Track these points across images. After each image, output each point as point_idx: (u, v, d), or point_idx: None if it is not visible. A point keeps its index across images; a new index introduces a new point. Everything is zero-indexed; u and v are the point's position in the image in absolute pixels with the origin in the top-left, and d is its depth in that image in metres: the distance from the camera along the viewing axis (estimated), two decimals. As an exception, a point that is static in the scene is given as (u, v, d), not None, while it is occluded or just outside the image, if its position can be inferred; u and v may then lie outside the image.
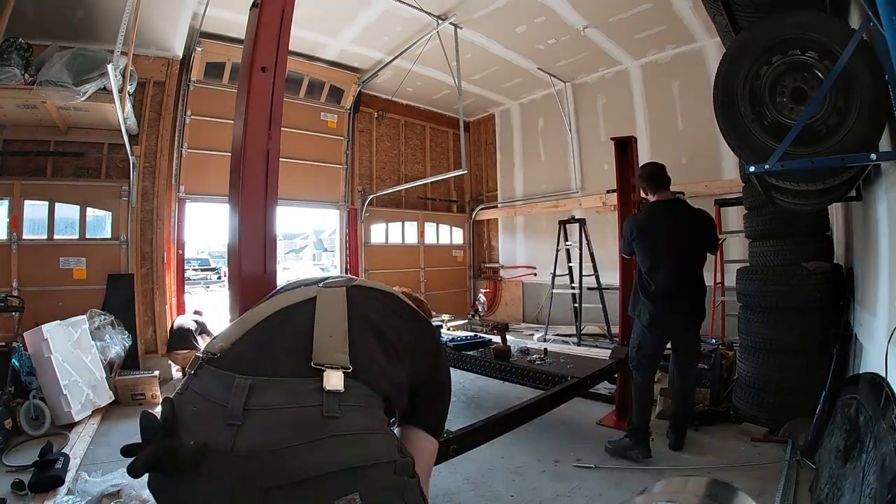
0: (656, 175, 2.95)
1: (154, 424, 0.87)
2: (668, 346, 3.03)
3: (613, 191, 4.02)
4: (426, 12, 5.46)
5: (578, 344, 6.03)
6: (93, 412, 3.69)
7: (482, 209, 9.52)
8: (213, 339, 1.07)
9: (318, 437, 0.83)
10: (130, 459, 0.83)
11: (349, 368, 0.94)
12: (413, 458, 1.01)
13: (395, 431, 1.14)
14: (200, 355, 1.00)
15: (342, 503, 0.80)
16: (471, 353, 3.84)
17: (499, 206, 9.29)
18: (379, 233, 8.27)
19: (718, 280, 5.19)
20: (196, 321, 4.97)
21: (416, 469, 1.00)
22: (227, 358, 0.96)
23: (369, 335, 1.05)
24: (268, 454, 0.81)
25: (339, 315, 1.05)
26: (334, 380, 0.90)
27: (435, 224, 9.25)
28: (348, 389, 0.91)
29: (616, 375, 3.51)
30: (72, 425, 3.46)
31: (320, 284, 1.18)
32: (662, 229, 2.85)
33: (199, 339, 4.85)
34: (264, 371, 0.91)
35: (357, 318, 1.06)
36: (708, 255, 2.98)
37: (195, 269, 17.21)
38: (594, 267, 6.33)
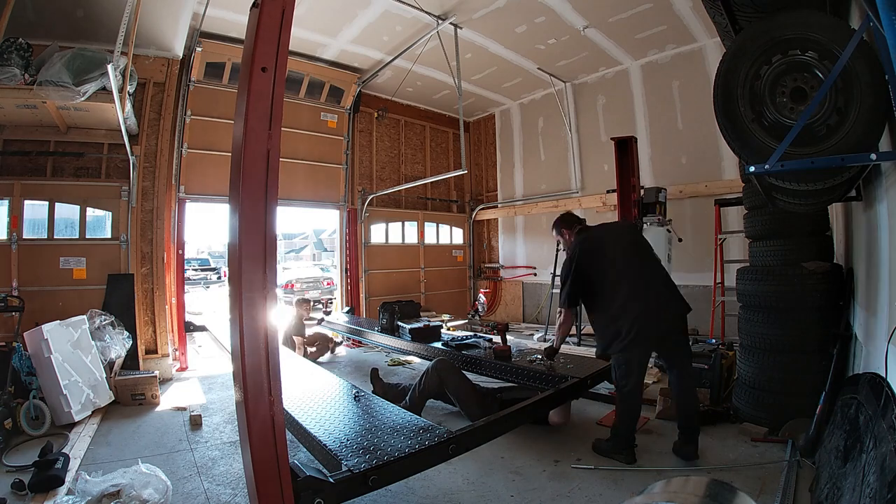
0: (566, 218, 3.16)
1: None
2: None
3: (613, 191, 4.04)
4: (426, 12, 5.46)
5: (578, 344, 6.02)
6: (93, 412, 3.69)
7: (482, 209, 9.52)
8: None
9: None
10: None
11: None
12: None
13: None
14: None
15: None
16: (471, 353, 3.84)
17: (499, 206, 9.29)
18: (379, 233, 8.27)
19: (718, 280, 5.19)
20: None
21: None
22: None
23: None
24: None
25: None
26: None
27: (435, 224, 9.25)
28: None
29: (616, 375, 3.49)
30: (72, 425, 3.46)
31: None
32: (607, 249, 2.88)
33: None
34: None
35: None
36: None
37: (195, 269, 17.17)
38: (594, 267, 6.33)
